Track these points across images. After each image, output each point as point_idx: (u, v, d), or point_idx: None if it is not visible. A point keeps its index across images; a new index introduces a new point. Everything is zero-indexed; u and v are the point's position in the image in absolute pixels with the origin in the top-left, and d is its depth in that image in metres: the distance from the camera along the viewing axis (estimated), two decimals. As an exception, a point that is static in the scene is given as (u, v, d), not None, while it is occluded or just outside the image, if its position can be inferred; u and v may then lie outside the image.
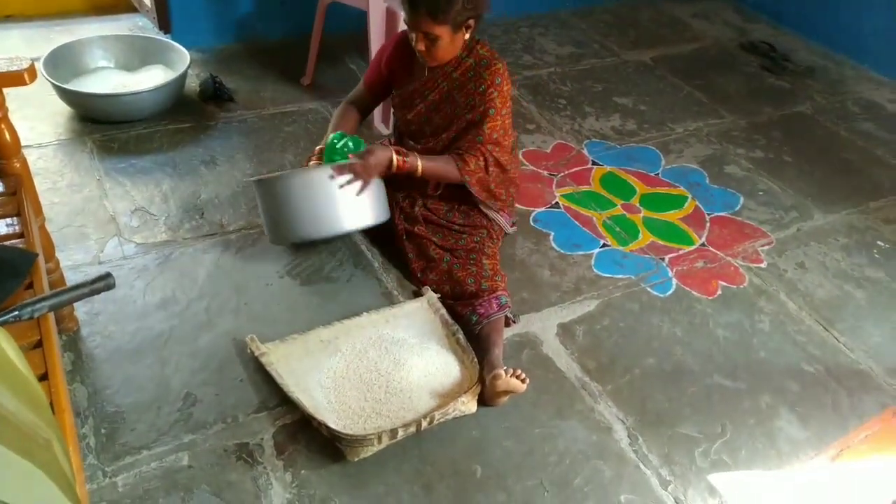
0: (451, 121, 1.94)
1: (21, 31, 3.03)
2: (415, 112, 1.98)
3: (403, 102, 2.01)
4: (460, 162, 1.90)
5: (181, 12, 2.97)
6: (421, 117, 1.98)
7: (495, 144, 1.92)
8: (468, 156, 1.91)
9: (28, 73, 1.40)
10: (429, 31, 1.76)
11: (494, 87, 1.87)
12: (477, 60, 1.89)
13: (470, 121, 1.91)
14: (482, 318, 1.80)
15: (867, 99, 3.32)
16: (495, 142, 1.92)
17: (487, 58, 1.89)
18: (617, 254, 2.21)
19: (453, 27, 1.78)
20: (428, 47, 1.80)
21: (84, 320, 1.76)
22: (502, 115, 1.91)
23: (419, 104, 1.97)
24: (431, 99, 1.95)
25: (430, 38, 1.78)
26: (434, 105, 1.95)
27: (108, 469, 1.46)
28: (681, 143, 2.83)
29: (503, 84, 1.89)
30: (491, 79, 1.87)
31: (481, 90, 1.88)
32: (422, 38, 1.79)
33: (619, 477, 1.57)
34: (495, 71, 1.88)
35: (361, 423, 1.57)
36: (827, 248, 2.35)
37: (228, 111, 2.67)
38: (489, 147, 1.91)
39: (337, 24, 2.96)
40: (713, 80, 3.33)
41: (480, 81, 1.88)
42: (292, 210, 1.83)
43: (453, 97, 1.92)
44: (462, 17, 1.77)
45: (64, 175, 2.25)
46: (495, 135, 1.91)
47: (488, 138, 1.90)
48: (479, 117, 1.89)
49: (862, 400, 1.83)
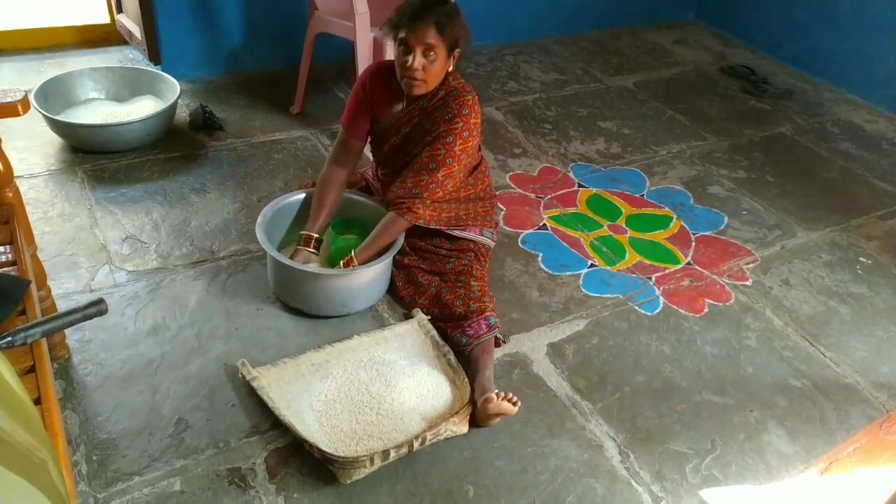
0: (416, 147, 1.96)
1: (12, 65, 3.06)
2: (389, 145, 2.01)
3: (378, 138, 2.05)
4: (410, 216, 1.92)
5: (171, 44, 3.01)
6: (394, 148, 2.01)
7: (445, 177, 1.92)
8: (412, 204, 1.92)
9: (22, 104, 1.43)
10: (431, 44, 1.77)
11: (461, 118, 1.88)
12: (448, 91, 1.91)
13: (427, 142, 1.92)
14: (472, 340, 1.82)
15: (845, 120, 3.40)
16: (444, 176, 1.92)
17: (458, 89, 1.91)
18: (605, 274, 2.24)
19: (448, 48, 1.81)
20: (424, 66, 1.80)
21: (75, 348, 1.77)
22: (462, 141, 1.90)
23: (393, 138, 2.00)
24: (404, 132, 1.98)
25: (430, 53, 1.79)
26: (407, 136, 1.98)
27: (100, 496, 1.45)
28: (665, 165, 2.88)
29: (470, 115, 1.89)
30: (458, 109, 1.88)
31: (447, 118, 1.89)
32: (420, 53, 1.79)
33: (611, 494, 1.58)
34: (464, 102, 1.89)
35: (353, 446, 1.57)
36: (811, 265, 2.39)
37: (218, 140, 2.70)
38: (427, 198, 1.92)
39: (325, 54, 3.02)
40: (694, 104, 3.40)
41: (448, 110, 1.89)
42: (302, 293, 1.93)
43: (422, 125, 1.94)
44: (456, 39, 1.81)
45: (55, 205, 2.26)
46: (450, 160, 1.90)
47: (439, 161, 1.90)
48: (434, 140, 1.90)
49: (849, 413, 1.86)
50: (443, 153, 1.90)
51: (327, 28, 2.66)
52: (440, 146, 1.90)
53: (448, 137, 1.89)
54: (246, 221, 2.27)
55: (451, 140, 1.89)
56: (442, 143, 1.90)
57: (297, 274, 1.87)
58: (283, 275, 1.94)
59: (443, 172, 1.91)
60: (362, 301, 1.97)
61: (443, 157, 1.90)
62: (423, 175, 1.92)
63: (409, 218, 1.93)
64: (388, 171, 2.10)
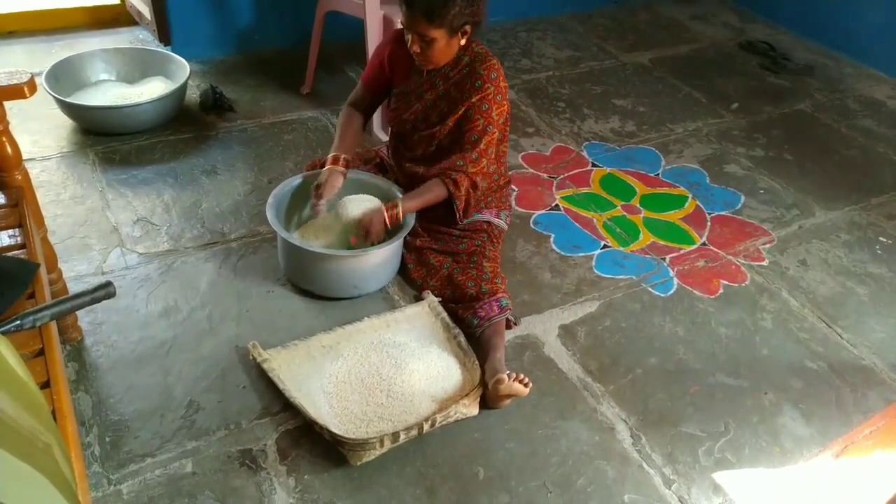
0: (446, 116, 1.95)
1: (23, 47, 3.06)
2: (411, 111, 1.99)
3: (400, 102, 2.02)
4: (452, 186, 1.93)
5: (181, 25, 2.99)
6: (417, 115, 1.99)
7: (487, 146, 1.93)
8: (458, 176, 1.92)
9: (28, 86, 1.42)
10: (424, 34, 1.77)
11: (490, 82, 1.88)
12: (472, 58, 1.91)
13: (462, 115, 1.92)
14: (483, 322, 1.81)
15: (867, 96, 3.32)
16: (486, 144, 1.92)
17: (482, 54, 1.91)
18: (618, 254, 2.22)
19: (449, 31, 1.79)
20: (423, 49, 1.81)
21: (88, 330, 1.78)
22: (497, 105, 1.91)
23: (415, 104, 1.98)
24: (428, 98, 1.96)
25: (425, 40, 1.79)
26: (431, 103, 1.97)
27: (112, 477, 1.46)
28: (680, 144, 2.83)
29: (499, 78, 1.91)
30: (487, 73, 1.88)
31: (477, 85, 1.89)
32: (416, 39, 1.80)
33: (622, 477, 1.57)
34: (490, 66, 1.89)
35: (364, 428, 1.57)
36: (829, 245, 2.35)
37: (229, 121, 2.69)
38: (470, 169, 1.92)
39: (335, 33, 2.98)
40: (712, 80, 3.33)
41: (476, 76, 1.89)
42: (313, 275, 1.92)
43: (450, 94, 1.93)
44: (458, 22, 1.78)
45: (66, 187, 2.27)
46: (490, 127, 1.92)
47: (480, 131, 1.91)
48: (470, 111, 1.91)
49: (866, 396, 1.83)
50: (482, 123, 1.91)
51: (337, 6, 2.63)
52: (478, 116, 1.91)
53: (483, 105, 1.90)
54: (256, 203, 2.26)
55: (487, 108, 1.90)
56: (479, 114, 1.91)
57: (309, 255, 1.87)
58: (294, 256, 1.93)
59: (485, 140, 1.93)
60: (374, 282, 1.96)
61: (482, 126, 1.91)
62: (466, 148, 1.93)
63: (451, 189, 1.93)
64: (408, 144, 2.07)
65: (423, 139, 2.01)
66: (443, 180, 1.94)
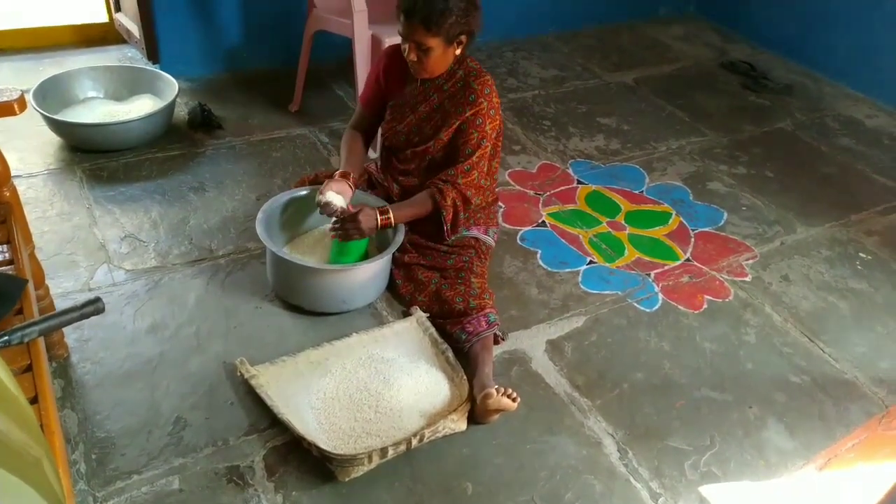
0: (440, 129, 1.98)
1: (11, 64, 3.06)
2: (405, 123, 2.02)
3: (395, 113, 2.05)
4: (438, 196, 1.95)
5: (169, 43, 3.01)
6: (411, 127, 2.02)
7: (480, 158, 1.95)
8: (445, 187, 1.94)
9: (18, 103, 1.43)
10: (421, 42, 1.80)
11: (484, 97, 1.92)
12: (466, 72, 1.94)
13: (456, 129, 1.95)
14: (471, 336, 1.82)
15: (846, 115, 3.39)
16: (478, 157, 1.95)
17: (476, 69, 1.95)
18: (603, 270, 2.24)
19: (446, 40, 1.82)
20: (419, 58, 1.84)
21: (74, 347, 1.77)
22: (490, 120, 1.94)
23: (409, 115, 2.01)
24: (422, 110, 1.99)
25: (422, 48, 1.82)
26: (425, 115, 1.99)
27: (98, 494, 1.45)
28: (664, 162, 2.87)
29: (491, 94, 1.94)
30: (480, 89, 1.92)
31: (471, 99, 1.92)
32: (414, 48, 1.83)
33: (609, 491, 1.58)
34: (484, 81, 1.93)
35: (352, 443, 1.57)
36: (810, 261, 2.39)
37: (217, 138, 2.70)
38: (461, 180, 1.94)
39: (323, 52, 3.01)
40: (694, 99, 3.39)
41: (470, 91, 1.93)
42: (302, 289, 1.93)
43: (444, 107, 1.97)
44: (455, 31, 1.81)
45: (54, 204, 2.26)
46: (484, 140, 1.95)
47: (473, 144, 1.94)
48: (464, 125, 1.94)
49: (848, 409, 1.85)
50: (476, 136, 1.95)
51: (326, 25, 2.66)
52: (472, 130, 1.94)
53: (477, 119, 1.94)
54: (244, 220, 2.27)
55: (481, 122, 1.94)
56: (473, 128, 1.94)
57: (297, 269, 1.87)
58: (282, 271, 1.94)
59: (478, 153, 1.96)
60: (362, 298, 1.97)
61: (476, 139, 1.95)
62: (460, 160, 1.96)
63: (437, 198, 1.95)
64: (401, 158, 2.09)
65: (416, 154, 2.04)
66: (430, 192, 1.96)
